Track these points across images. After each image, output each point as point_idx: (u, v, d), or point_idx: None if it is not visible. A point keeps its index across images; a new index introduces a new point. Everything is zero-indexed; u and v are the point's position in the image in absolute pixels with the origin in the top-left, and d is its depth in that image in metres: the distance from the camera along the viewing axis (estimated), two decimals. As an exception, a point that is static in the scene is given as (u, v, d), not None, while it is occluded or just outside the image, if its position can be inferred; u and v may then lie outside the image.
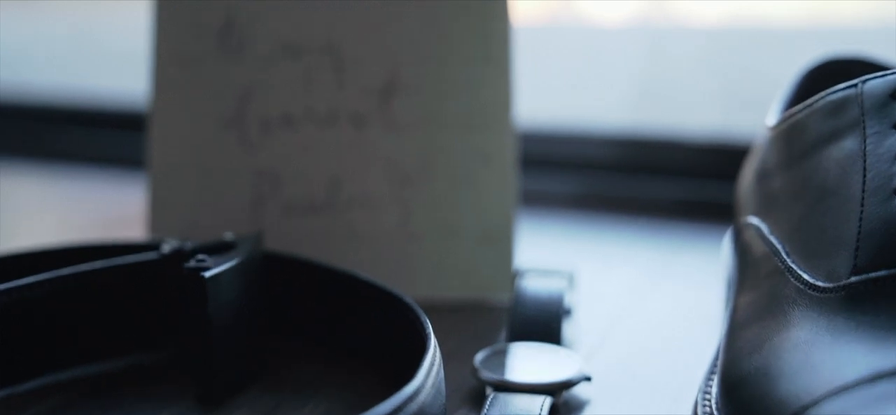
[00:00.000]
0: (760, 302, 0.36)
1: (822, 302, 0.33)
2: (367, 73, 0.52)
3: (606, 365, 0.43)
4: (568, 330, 0.47)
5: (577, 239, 0.67)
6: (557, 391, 0.38)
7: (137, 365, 0.43)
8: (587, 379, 0.39)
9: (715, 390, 0.35)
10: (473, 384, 0.41)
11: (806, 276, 0.35)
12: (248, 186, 0.52)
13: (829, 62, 0.50)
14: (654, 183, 0.75)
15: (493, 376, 0.39)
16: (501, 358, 0.41)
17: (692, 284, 0.55)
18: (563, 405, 0.39)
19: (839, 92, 0.37)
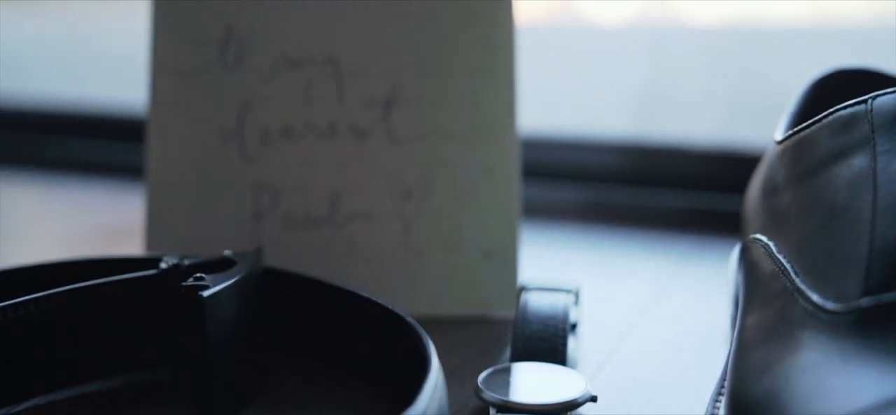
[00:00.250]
0: (769, 323, 0.36)
1: (832, 325, 0.32)
2: (367, 85, 0.51)
3: (612, 384, 0.43)
4: (573, 346, 0.47)
5: (580, 250, 0.66)
6: (562, 412, 0.38)
7: (136, 383, 0.43)
8: (592, 399, 0.39)
9: (723, 412, 0.35)
10: (477, 404, 0.40)
11: (815, 297, 0.34)
12: (247, 200, 0.51)
13: (836, 73, 0.49)
14: (658, 192, 0.75)
15: (496, 396, 0.38)
16: (505, 377, 0.40)
17: (698, 299, 0.54)
18: (567, 426, 0.38)
19: (848, 108, 0.37)
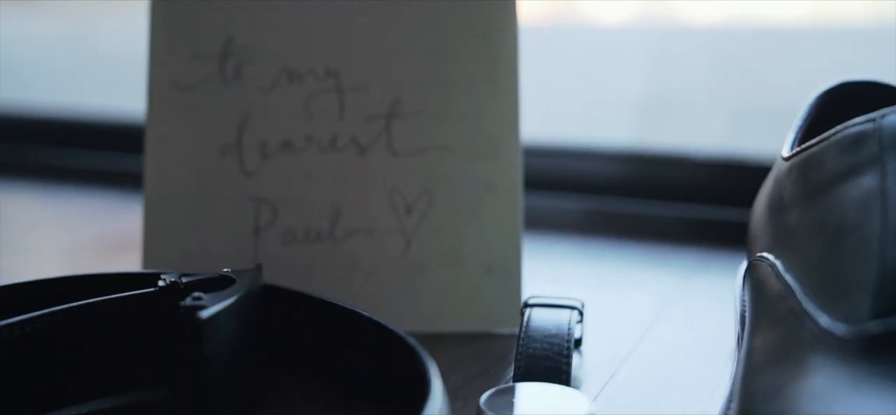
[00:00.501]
0: (777, 345, 0.35)
1: (840, 349, 0.32)
2: (368, 98, 0.51)
3: (615, 404, 0.42)
4: (577, 363, 0.46)
5: (581, 263, 0.65)
6: (566, 435, 0.37)
7: (134, 402, 0.42)
8: (596, 421, 0.38)
9: (730, 435, 0.34)
10: (479, 424, 0.40)
11: (824, 319, 0.33)
12: (246, 214, 0.51)
13: (842, 86, 0.49)
14: (661, 203, 0.74)
15: (499, 418, 0.38)
16: (508, 398, 0.39)
17: (702, 315, 0.53)
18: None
19: (857, 126, 0.36)
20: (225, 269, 0.42)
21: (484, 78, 0.50)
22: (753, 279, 0.41)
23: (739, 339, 0.42)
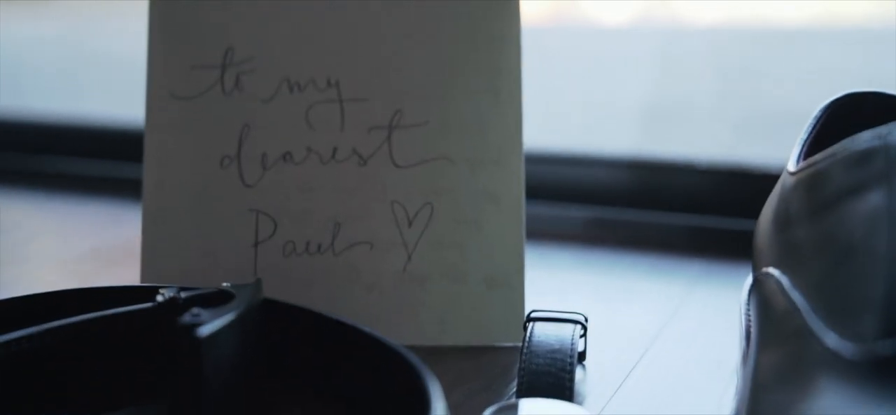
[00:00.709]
0: (784, 364, 0.35)
1: (848, 370, 0.31)
2: (370, 109, 0.50)
3: (619, 420, 0.42)
4: (580, 377, 0.46)
5: (583, 273, 0.65)
6: (569, 454, 0.37)
7: (131, 419, 0.42)
8: (600, 440, 0.38)
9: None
10: (481, 442, 0.39)
11: (831, 338, 0.33)
12: (246, 226, 0.50)
13: (848, 97, 0.48)
14: (664, 211, 0.73)
15: (501, 436, 0.37)
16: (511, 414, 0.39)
17: (706, 327, 0.53)
18: (574, 468, 0.37)
19: (864, 143, 0.36)
20: (224, 283, 0.42)
21: (486, 88, 0.50)
22: (759, 295, 0.40)
23: (745, 355, 0.41)
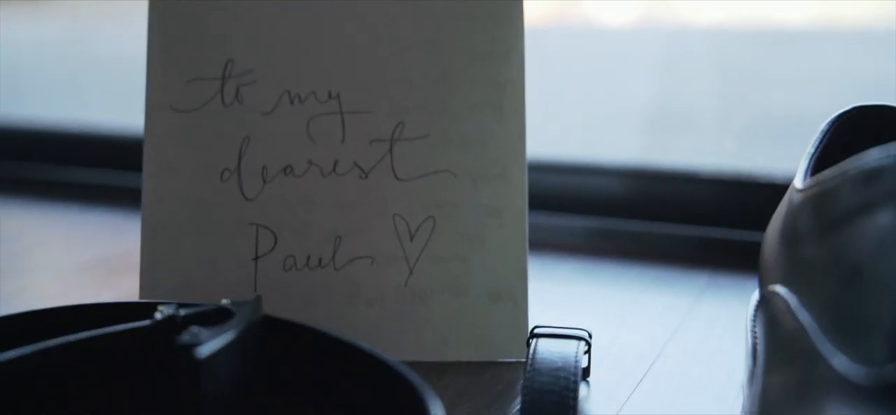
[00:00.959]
0: (792, 386, 0.34)
1: (857, 394, 0.31)
2: (371, 121, 0.50)
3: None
4: (584, 394, 0.45)
5: (588, 286, 0.64)
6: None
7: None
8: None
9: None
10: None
11: (839, 361, 0.32)
12: (246, 240, 0.50)
13: (856, 111, 0.47)
14: (668, 222, 0.73)
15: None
16: (513, 435, 0.39)
17: (712, 343, 0.52)
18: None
19: (873, 160, 0.35)
20: (224, 300, 0.41)
21: (489, 101, 0.49)
22: (766, 314, 0.40)
23: (751, 373, 0.41)
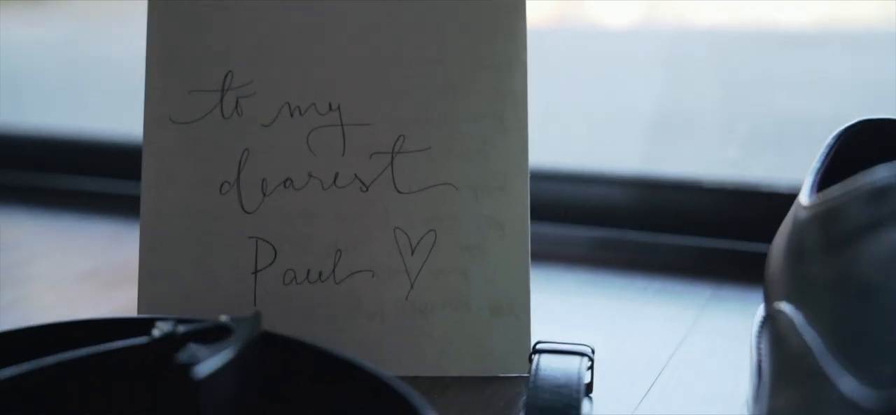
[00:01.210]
0: (799, 406, 0.34)
1: (866, 417, 0.30)
2: (372, 134, 0.49)
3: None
4: (587, 409, 0.44)
5: (590, 297, 0.64)
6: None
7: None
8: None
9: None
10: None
11: (846, 383, 0.32)
12: (245, 254, 0.49)
13: (862, 124, 0.47)
14: (672, 233, 0.72)
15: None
16: (515, 455, 0.38)
17: (716, 357, 0.52)
18: None
19: (880, 178, 0.34)
20: (223, 316, 0.41)
21: (491, 113, 0.49)
22: (772, 332, 0.39)
23: (756, 391, 0.40)
